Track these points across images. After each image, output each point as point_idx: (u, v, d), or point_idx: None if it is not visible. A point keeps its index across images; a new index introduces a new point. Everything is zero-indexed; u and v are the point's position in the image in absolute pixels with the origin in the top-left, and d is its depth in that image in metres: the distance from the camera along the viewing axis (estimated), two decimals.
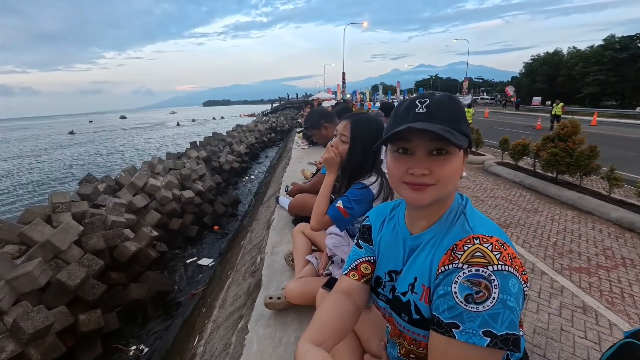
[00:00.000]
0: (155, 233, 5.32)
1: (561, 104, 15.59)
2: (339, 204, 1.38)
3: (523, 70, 51.03)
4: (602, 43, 36.59)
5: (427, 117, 0.63)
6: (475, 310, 0.56)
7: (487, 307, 0.56)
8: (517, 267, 0.58)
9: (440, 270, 0.65)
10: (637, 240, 3.87)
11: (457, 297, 0.59)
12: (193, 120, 65.60)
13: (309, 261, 1.74)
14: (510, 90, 39.15)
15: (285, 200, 3.13)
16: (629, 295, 2.82)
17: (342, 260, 1.53)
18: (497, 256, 0.58)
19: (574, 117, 16.24)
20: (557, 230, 4.19)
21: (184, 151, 11.51)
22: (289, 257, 2.08)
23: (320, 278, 1.58)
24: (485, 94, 55.90)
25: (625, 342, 0.71)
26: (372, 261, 0.86)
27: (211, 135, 15.62)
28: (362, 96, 39.15)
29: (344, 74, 28.75)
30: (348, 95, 32.25)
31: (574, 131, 5.80)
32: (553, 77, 43.07)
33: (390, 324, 0.85)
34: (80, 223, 4.53)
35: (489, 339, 0.55)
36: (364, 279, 0.84)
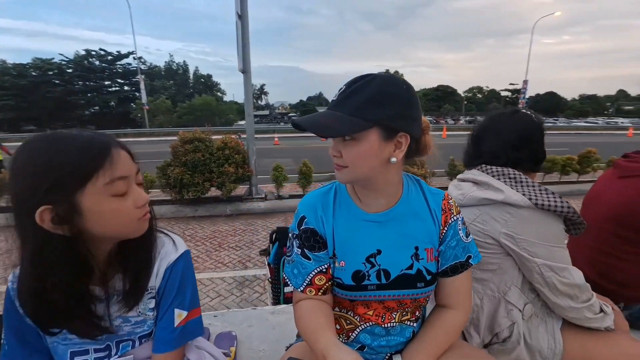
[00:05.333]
0: None
1: None
2: (180, 316, 0.74)
3: None
4: None
5: (336, 105, 0.68)
6: (471, 239, 0.82)
7: (471, 234, 0.83)
8: None
9: (445, 229, 0.78)
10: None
11: (464, 238, 0.80)
12: None
13: None
14: None
15: None
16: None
17: None
18: None
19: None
20: None
21: None
22: None
23: None
24: None
25: None
26: (325, 270, 0.77)
27: None
28: None
29: None
30: None
31: None
32: None
33: (377, 309, 0.78)
34: None
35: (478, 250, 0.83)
36: (321, 290, 0.77)
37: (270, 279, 2.43)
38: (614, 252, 1.20)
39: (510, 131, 1.02)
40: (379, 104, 0.65)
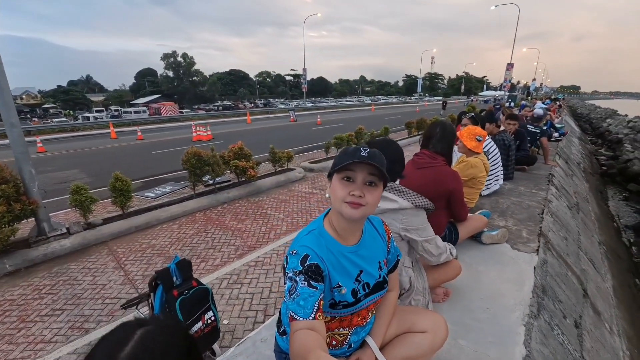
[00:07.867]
0: None
1: None
2: None
3: None
4: None
5: (369, 159, 0.89)
6: (396, 244, 1.19)
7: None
8: None
9: (389, 244, 1.14)
10: None
11: (395, 246, 1.17)
12: None
13: None
14: None
15: None
16: None
17: None
18: None
19: None
20: None
21: None
22: None
23: None
24: None
25: None
26: (322, 296, 0.91)
27: None
28: None
29: None
30: None
31: None
32: None
33: (363, 314, 1.05)
34: None
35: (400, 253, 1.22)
36: (321, 314, 0.89)
37: None
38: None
39: (394, 155, 1.49)
40: (385, 166, 0.93)
